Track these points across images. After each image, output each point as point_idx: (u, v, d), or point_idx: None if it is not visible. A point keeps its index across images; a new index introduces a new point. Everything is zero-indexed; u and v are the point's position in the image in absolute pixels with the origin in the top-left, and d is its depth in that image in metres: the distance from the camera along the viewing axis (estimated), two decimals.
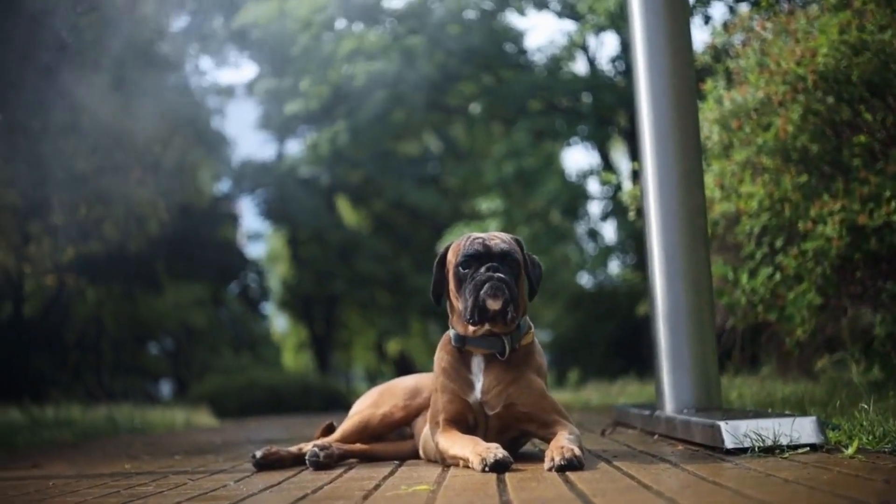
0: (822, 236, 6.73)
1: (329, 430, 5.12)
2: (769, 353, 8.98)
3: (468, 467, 3.97)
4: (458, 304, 4.22)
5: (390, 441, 4.86)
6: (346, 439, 4.75)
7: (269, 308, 35.53)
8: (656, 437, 5.41)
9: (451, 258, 4.28)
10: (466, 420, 4.29)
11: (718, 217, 7.88)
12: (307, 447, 4.67)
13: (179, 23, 21.25)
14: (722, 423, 4.21)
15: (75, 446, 8.83)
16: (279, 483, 4.03)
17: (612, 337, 21.39)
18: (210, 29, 23.75)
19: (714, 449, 4.29)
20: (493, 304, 4.07)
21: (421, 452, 4.62)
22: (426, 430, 4.51)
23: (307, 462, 4.52)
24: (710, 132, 7.91)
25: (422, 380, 4.86)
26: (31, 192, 12.75)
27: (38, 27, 11.55)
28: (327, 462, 4.51)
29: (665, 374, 5.42)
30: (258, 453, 4.66)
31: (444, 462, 4.24)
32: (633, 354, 18.45)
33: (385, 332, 33.54)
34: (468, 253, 4.17)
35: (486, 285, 4.07)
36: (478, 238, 4.23)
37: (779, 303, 7.43)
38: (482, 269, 4.12)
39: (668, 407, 5.38)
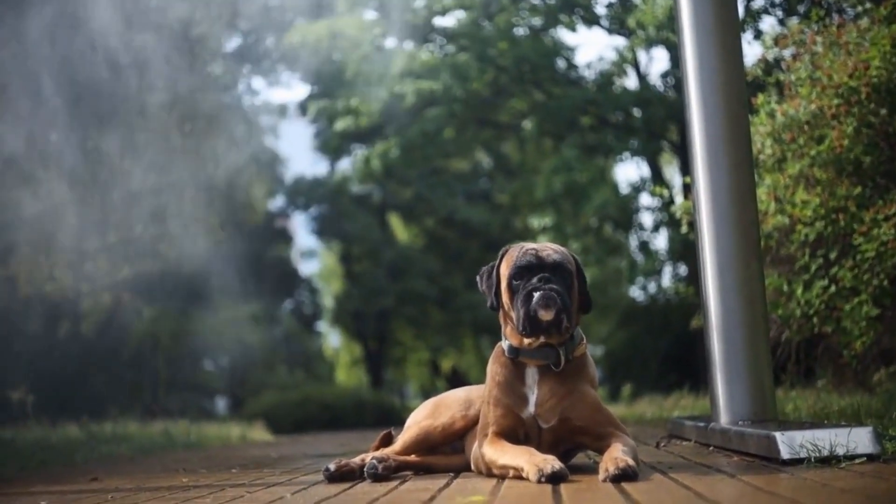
0: (878, 239, 6.69)
1: (387, 438, 5.15)
2: (824, 366, 8.91)
3: (520, 478, 3.96)
4: (512, 315, 4.23)
5: (443, 454, 4.88)
6: (405, 451, 4.78)
7: (323, 325, 35.61)
8: (711, 448, 5.39)
9: (504, 269, 4.28)
10: (517, 435, 4.29)
11: (772, 230, 7.85)
12: (368, 458, 4.71)
13: (232, 43, 21.51)
14: (777, 434, 4.20)
15: (132, 460, 8.91)
16: (336, 495, 4.06)
17: (665, 351, 21.24)
18: (262, 49, 23.98)
19: (769, 460, 4.27)
20: (546, 315, 4.06)
21: (472, 466, 4.62)
22: (476, 442, 4.53)
23: (365, 474, 4.55)
24: (763, 146, 7.90)
25: (472, 391, 4.87)
26: (89, 210, 12.92)
27: (95, 46, 11.73)
28: (385, 474, 4.53)
29: (719, 387, 5.39)
30: (331, 466, 4.67)
31: (491, 473, 4.26)
32: (687, 368, 18.30)
33: (437, 349, 33.48)
34: (520, 264, 4.17)
35: (538, 294, 4.07)
36: (530, 249, 4.23)
37: (835, 315, 7.38)
38: (534, 280, 4.12)
39: (723, 419, 5.36)
